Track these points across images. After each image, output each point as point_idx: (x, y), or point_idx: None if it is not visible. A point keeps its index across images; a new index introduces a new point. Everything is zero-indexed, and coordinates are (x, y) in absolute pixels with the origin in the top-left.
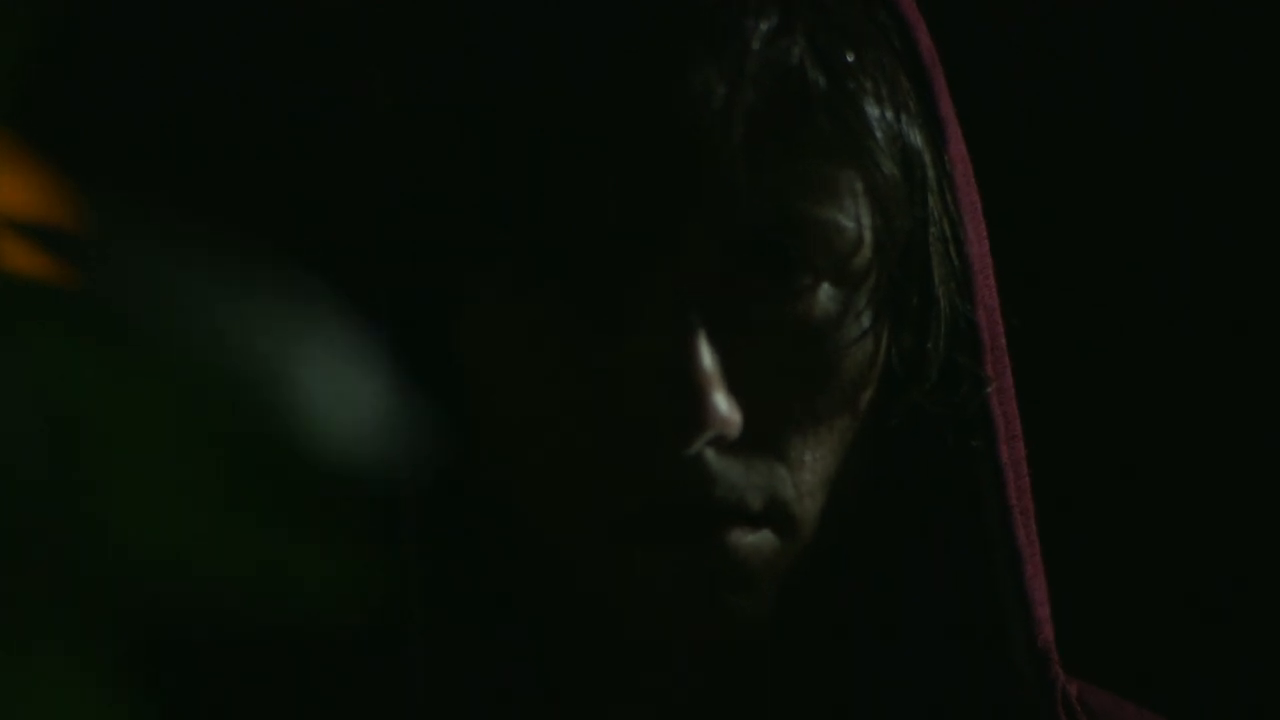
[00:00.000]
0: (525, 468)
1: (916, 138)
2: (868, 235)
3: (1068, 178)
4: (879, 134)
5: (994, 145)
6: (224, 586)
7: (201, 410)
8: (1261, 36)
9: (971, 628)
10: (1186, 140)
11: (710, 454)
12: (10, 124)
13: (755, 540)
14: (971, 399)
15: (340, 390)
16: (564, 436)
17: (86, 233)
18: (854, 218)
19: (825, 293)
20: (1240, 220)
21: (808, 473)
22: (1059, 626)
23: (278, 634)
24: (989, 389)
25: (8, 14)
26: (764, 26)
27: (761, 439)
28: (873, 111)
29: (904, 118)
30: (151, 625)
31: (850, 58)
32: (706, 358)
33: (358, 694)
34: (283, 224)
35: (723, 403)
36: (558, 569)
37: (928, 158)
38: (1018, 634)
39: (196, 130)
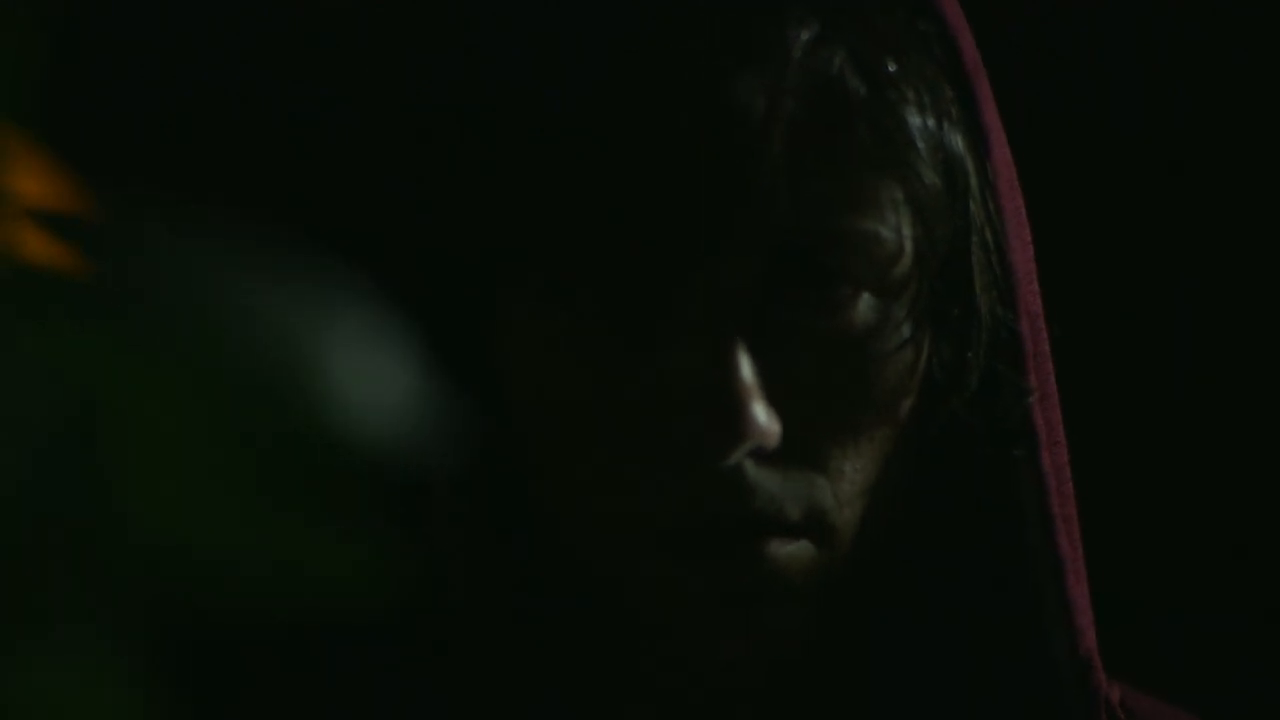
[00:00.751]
0: (561, 479)
1: (958, 146)
2: (908, 245)
3: (1067, 178)
4: (920, 144)
5: None
6: (247, 576)
7: (227, 400)
8: (1261, 36)
9: (1013, 636)
10: (1186, 140)
11: (749, 465)
12: (37, 120)
13: (793, 550)
14: (1013, 407)
15: (367, 380)
16: (600, 450)
17: (110, 224)
18: (894, 228)
19: (865, 303)
20: (1240, 221)
21: (847, 482)
22: (1102, 630)
23: (301, 624)
24: (1031, 397)
25: (16, 12)
26: (804, 36)
27: (800, 449)
28: (914, 121)
29: (946, 126)
30: (178, 616)
31: (892, 67)
32: (744, 368)
33: (379, 684)
34: (309, 221)
35: (761, 413)
36: (593, 578)
37: (970, 165)
38: (1059, 642)
39: (224, 129)
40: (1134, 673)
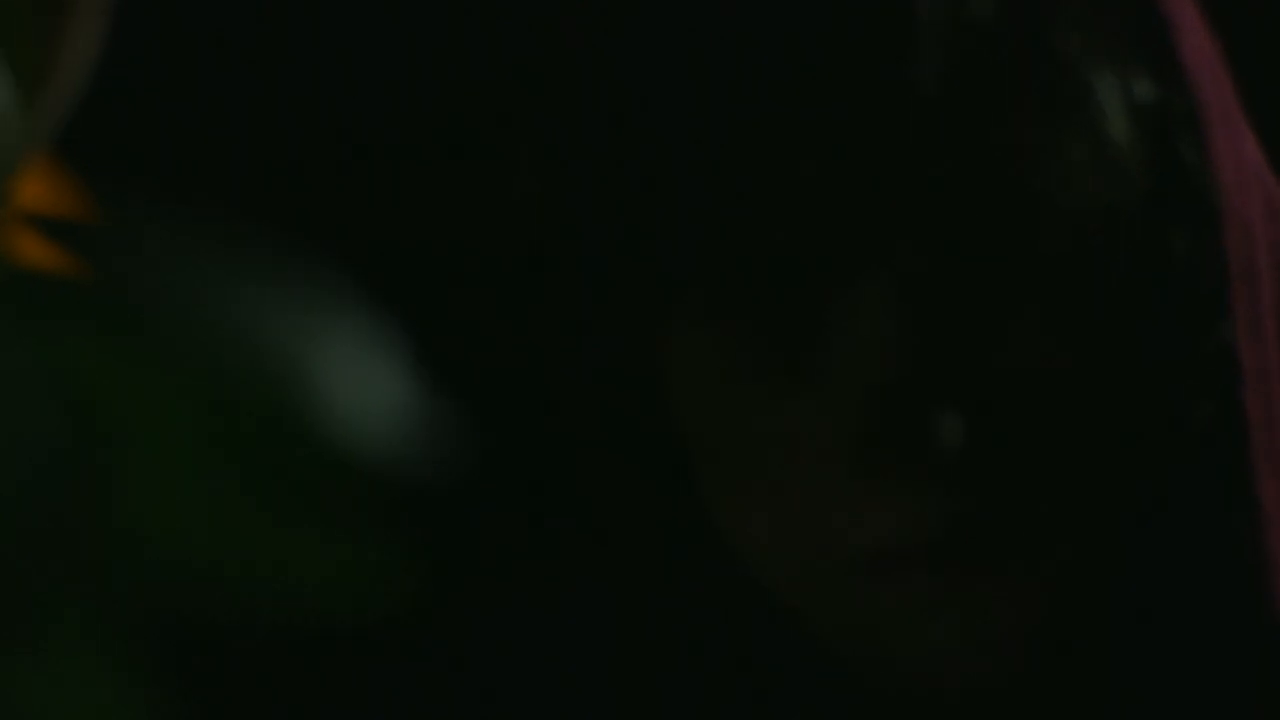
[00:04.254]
0: (738, 502)
1: (1144, 86)
2: (1096, 208)
3: None
4: (1098, 92)
5: None
6: (247, 583)
7: (226, 407)
8: (1261, 36)
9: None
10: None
11: (938, 480)
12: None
13: (995, 569)
14: (1228, 381)
15: (365, 388)
16: (776, 472)
17: (112, 229)
18: (1077, 191)
19: (1050, 279)
20: None
21: (1046, 485)
22: None
23: (296, 631)
24: (1246, 369)
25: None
26: None
27: (993, 453)
28: (1085, 68)
29: (1128, 67)
30: (173, 622)
31: (1051, 12)
32: (923, 370)
33: (375, 693)
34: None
35: (946, 419)
36: (770, 597)
37: (1164, 104)
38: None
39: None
40: None
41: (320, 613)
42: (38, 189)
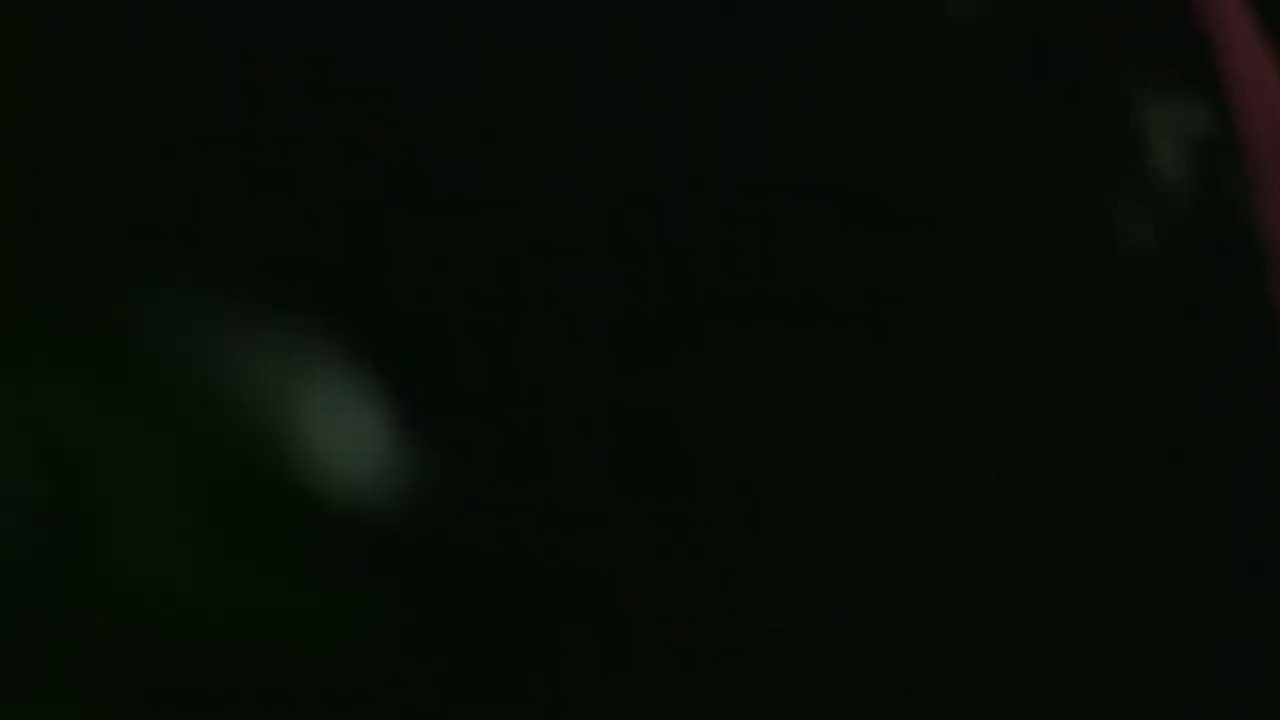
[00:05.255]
0: (761, 548)
1: (1188, 116)
2: (1140, 239)
3: None
4: (1139, 122)
5: None
6: (227, 630)
7: (205, 455)
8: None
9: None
10: None
11: (970, 538)
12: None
13: (1012, 644)
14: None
15: (344, 433)
16: (798, 533)
17: (93, 275)
18: (1116, 227)
19: (1088, 321)
20: None
21: (1086, 551)
22: None
23: (277, 678)
24: None
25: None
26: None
27: (1032, 515)
28: (1125, 96)
29: (1171, 95)
30: (153, 670)
31: (1090, 36)
32: (953, 422)
33: None
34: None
35: (979, 478)
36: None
37: (1209, 135)
38: None
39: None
40: None
41: (300, 659)
42: None
